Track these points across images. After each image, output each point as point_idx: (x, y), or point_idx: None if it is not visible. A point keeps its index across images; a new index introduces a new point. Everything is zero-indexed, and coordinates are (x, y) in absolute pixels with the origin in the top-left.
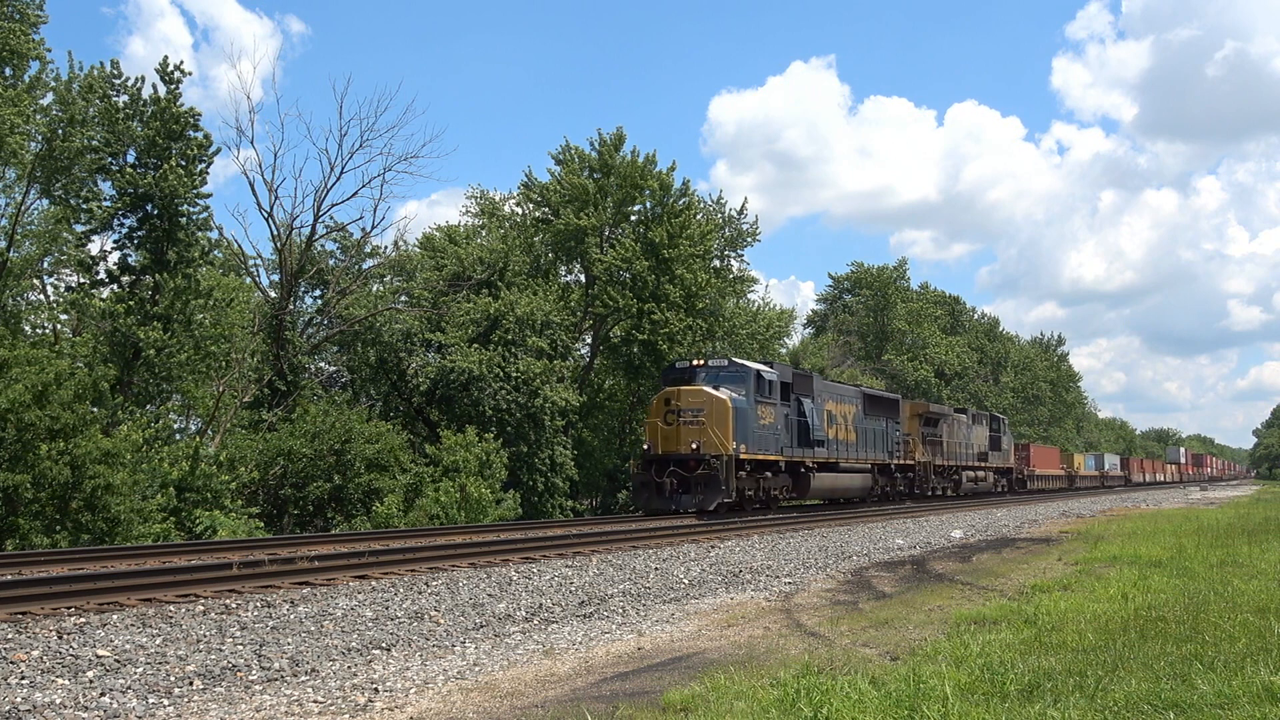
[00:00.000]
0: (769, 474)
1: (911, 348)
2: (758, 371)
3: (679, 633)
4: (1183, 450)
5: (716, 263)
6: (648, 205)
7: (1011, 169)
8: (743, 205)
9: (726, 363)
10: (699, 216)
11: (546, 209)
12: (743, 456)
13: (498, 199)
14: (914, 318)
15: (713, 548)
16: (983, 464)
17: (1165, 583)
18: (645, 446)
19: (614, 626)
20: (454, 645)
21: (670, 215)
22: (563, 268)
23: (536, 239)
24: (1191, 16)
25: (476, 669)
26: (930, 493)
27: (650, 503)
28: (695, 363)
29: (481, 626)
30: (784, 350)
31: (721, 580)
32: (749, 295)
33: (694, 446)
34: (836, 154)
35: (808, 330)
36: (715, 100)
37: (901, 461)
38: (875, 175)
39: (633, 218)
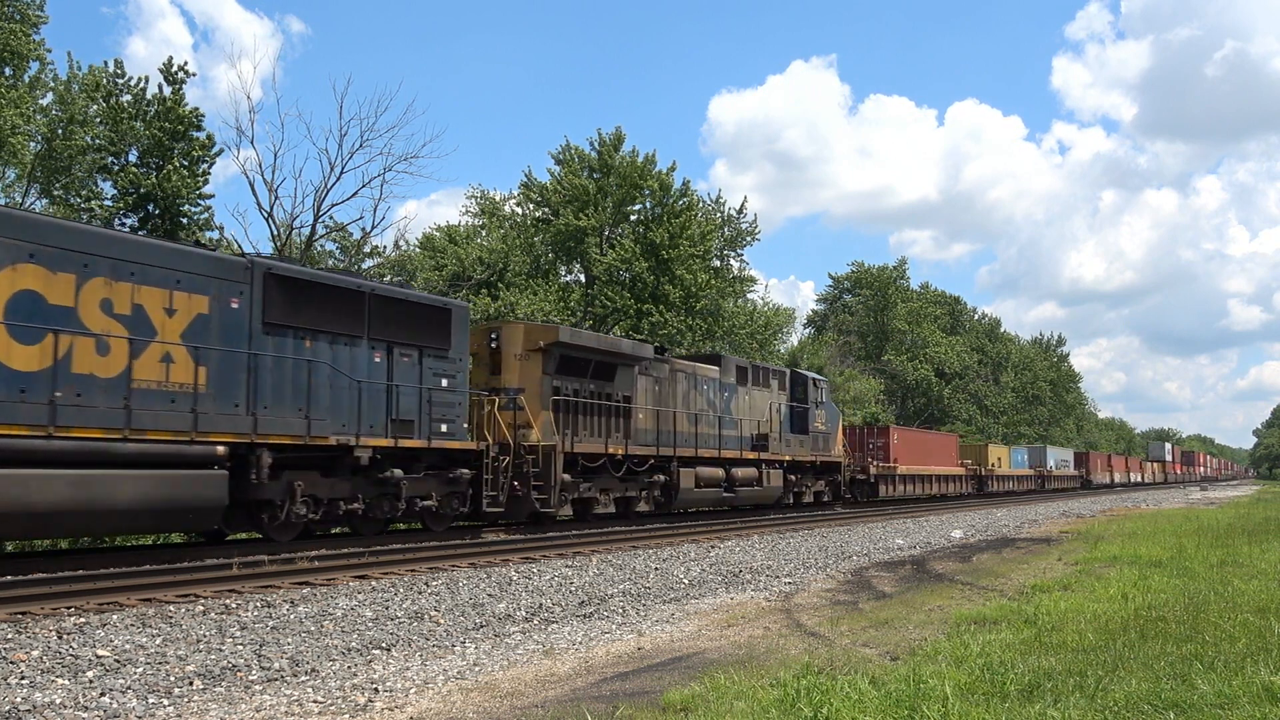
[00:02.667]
0: None
1: (911, 347)
2: None
3: (679, 633)
4: (1168, 446)
5: (716, 262)
6: (647, 205)
7: (1012, 169)
8: (742, 204)
9: None
10: (698, 216)
11: (546, 209)
12: None
13: (498, 199)
14: (914, 318)
15: (713, 548)
16: (762, 455)
17: (1165, 583)
18: None
19: (614, 626)
20: (454, 645)
21: (670, 215)
22: (563, 268)
23: (536, 239)
24: (1191, 16)
25: (476, 669)
26: (546, 510)
27: None
28: None
29: (481, 626)
30: (783, 349)
31: (721, 580)
32: (749, 295)
33: None
34: (836, 154)
35: (808, 330)
36: (715, 100)
37: (455, 444)
38: (875, 175)
39: (632, 218)
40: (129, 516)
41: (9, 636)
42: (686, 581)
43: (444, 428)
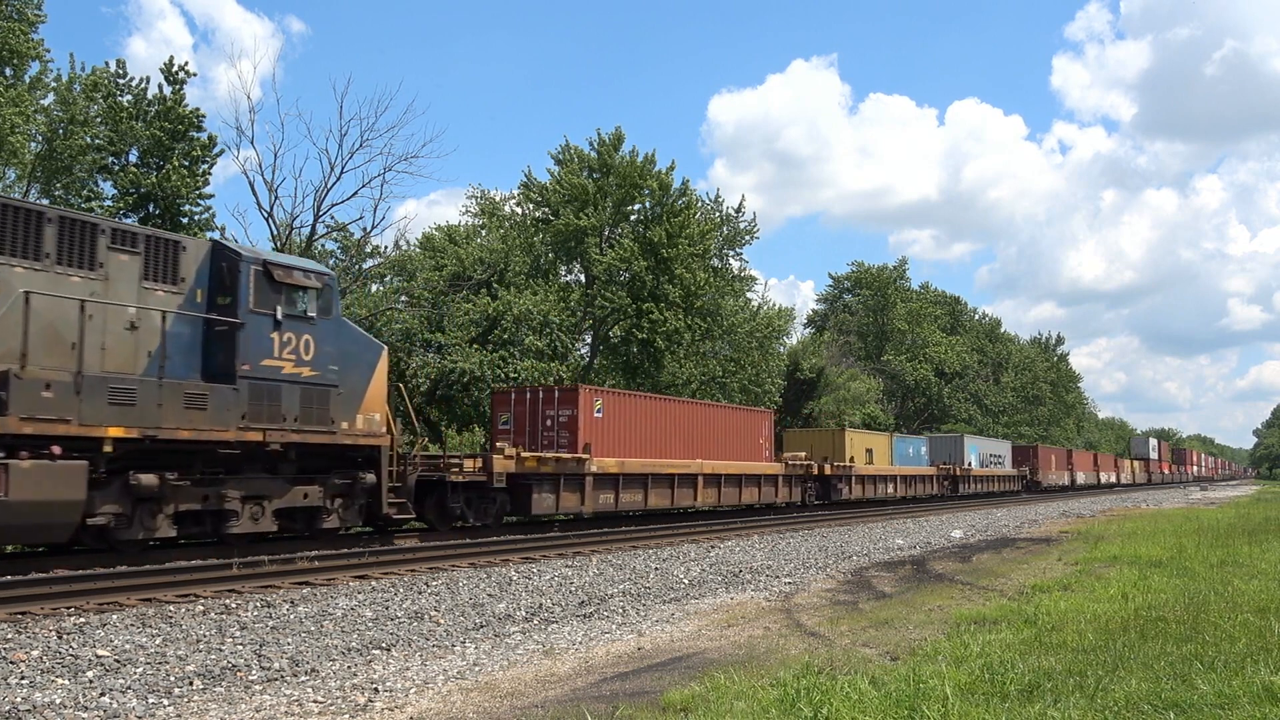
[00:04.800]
0: None
1: (911, 347)
2: None
3: (679, 633)
4: (1153, 442)
5: (715, 261)
6: (647, 205)
7: (1012, 168)
8: (740, 203)
9: None
10: (697, 216)
11: (546, 209)
12: None
13: (498, 199)
14: (914, 318)
15: (713, 548)
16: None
17: (1165, 583)
18: None
19: (614, 626)
20: (454, 645)
21: (669, 215)
22: (563, 268)
23: (536, 239)
24: (1190, 16)
25: (476, 669)
26: None
27: None
28: None
29: (481, 626)
30: (782, 349)
31: (721, 580)
32: (748, 294)
33: None
34: (837, 153)
35: (807, 330)
36: (715, 99)
37: None
38: (875, 174)
39: (632, 218)
40: None
41: (9, 636)
42: (686, 581)
43: None
